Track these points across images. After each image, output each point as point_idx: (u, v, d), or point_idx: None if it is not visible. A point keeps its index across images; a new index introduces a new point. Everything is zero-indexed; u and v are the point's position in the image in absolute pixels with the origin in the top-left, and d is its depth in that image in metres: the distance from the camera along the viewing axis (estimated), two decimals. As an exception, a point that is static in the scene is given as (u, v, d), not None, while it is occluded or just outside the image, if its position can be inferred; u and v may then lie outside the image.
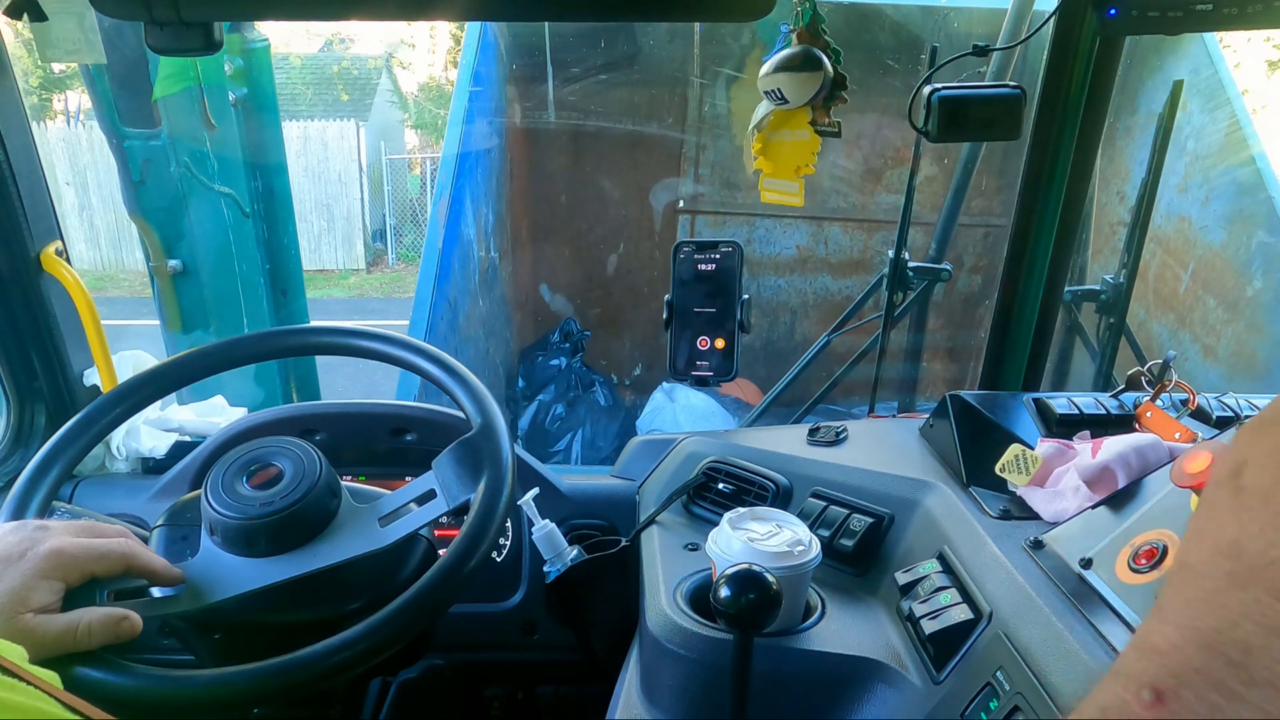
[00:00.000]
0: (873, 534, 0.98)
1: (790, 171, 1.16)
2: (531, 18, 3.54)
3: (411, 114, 14.02)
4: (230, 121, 1.99)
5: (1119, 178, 3.63)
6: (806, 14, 1.07)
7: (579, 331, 4.42)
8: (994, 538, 0.82)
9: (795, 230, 4.47)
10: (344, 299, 9.89)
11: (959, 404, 1.04)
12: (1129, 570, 0.68)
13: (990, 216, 4.15)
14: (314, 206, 10.58)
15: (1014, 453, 0.89)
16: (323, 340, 1.04)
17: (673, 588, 0.95)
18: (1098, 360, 2.05)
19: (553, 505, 1.25)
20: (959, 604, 0.79)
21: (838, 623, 0.89)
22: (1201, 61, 3.33)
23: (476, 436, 0.91)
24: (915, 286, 2.25)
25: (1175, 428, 0.91)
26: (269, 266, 2.17)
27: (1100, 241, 3.56)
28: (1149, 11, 0.94)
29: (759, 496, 1.11)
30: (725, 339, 1.15)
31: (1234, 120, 3.21)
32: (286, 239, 2.21)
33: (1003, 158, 3.86)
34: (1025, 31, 1.70)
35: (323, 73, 13.00)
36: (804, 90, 1.08)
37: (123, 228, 9.43)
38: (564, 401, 4.07)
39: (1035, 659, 0.66)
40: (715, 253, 1.14)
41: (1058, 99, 1.17)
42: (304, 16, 0.95)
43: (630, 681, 0.95)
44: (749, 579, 0.75)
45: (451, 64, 12.84)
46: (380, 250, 11.42)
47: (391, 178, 11.30)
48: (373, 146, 11.20)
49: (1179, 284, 3.42)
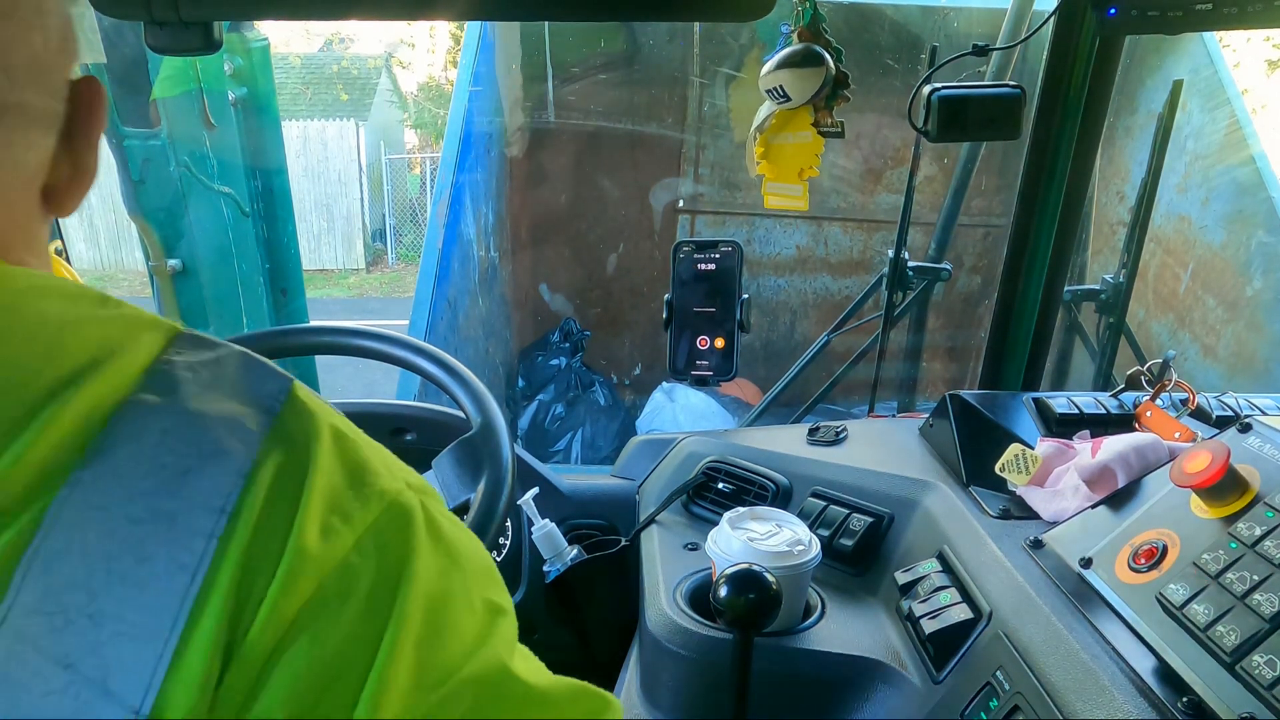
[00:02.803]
0: (872, 534, 0.98)
1: (794, 174, 1.16)
2: (531, 18, 3.54)
3: (411, 114, 14.02)
4: (230, 121, 1.99)
5: (1119, 178, 3.63)
6: (807, 14, 1.07)
7: (579, 331, 4.42)
8: (994, 537, 0.82)
9: (795, 230, 4.47)
10: (344, 299, 9.89)
11: (959, 404, 1.05)
12: (1129, 570, 0.68)
13: (990, 216, 4.15)
14: (314, 206, 10.58)
15: (1014, 452, 0.89)
16: (323, 340, 1.04)
17: (672, 587, 0.95)
18: (1097, 360, 2.05)
19: (553, 505, 1.25)
20: (959, 604, 0.79)
21: (837, 622, 0.89)
22: (1201, 61, 3.32)
23: (476, 437, 0.91)
24: (915, 286, 2.25)
25: (1175, 427, 0.91)
26: (269, 266, 2.17)
27: (1100, 241, 3.56)
28: (1149, 11, 0.94)
29: (759, 496, 1.11)
30: (725, 339, 1.15)
31: (1234, 120, 3.21)
32: (286, 238, 2.21)
33: (1003, 158, 3.86)
34: (1025, 31, 1.70)
35: (322, 73, 13.00)
36: (807, 87, 1.08)
37: (122, 227, 9.43)
38: (564, 401, 4.07)
39: (1035, 658, 0.66)
40: (715, 252, 1.14)
41: (1058, 99, 1.17)
42: (304, 16, 0.95)
43: (630, 681, 0.95)
44: (749, 579, 0.75)
45: (451, 64, 12.83)
46: (380, 250, 11.42)
47: (391, 178, 11.30)
48: (372, 146, 11.20)
49: (1179, 284, 3.42)
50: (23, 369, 0.31)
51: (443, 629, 0.35)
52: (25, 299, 0.34)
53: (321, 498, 0.33)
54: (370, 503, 0.35)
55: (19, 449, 0.29)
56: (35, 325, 0.33)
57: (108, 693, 0.27)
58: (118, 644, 0.28)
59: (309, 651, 0.31)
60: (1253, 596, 0.57)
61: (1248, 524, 0.62)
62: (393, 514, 0.36)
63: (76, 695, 0.27)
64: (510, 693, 0.35)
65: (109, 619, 0.28)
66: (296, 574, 0.31)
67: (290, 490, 0.33)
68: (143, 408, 0.32)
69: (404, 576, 0.34)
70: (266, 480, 0.32)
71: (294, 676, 0.30)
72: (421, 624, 0.34)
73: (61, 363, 0.32)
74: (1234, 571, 0.60)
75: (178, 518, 0.30)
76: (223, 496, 0.31)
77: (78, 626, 0.28)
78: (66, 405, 0.31)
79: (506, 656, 0.36)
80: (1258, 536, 0.60)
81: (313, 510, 0.33)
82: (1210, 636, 0.57)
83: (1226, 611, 0.58)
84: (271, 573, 0.31)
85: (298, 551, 0.31)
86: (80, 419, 0.31)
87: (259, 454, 0.33)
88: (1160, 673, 0.59)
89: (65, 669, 0.27)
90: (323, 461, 0.35)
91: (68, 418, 0.30)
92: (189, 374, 0.34)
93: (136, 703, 0.27)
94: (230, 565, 0.30)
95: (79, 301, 0.35)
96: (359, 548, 0.34)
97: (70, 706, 0.27)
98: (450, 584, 0.36)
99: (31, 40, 0.39)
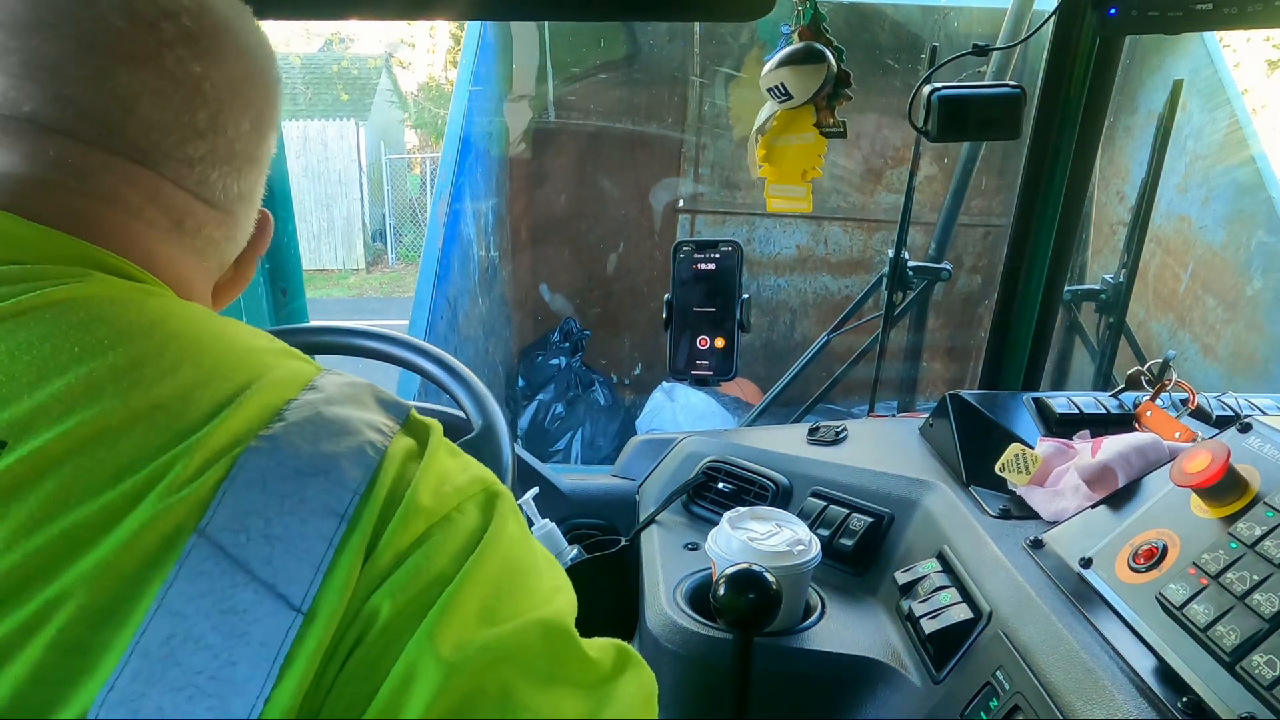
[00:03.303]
0: (872, 533, 0.98)
1: (797, 176, 1.16)
2: (531, 18, 3.54)
3: (411, 114, 14.02)
4: (230, 121, 1.99)
5: (1119, 178, 3.63)
6: (807, 13, 1.07)
7: (579, 331, 4.42)
8: (994, 537, 0.82)
9: (795, 230, 4.47)
10: (344, 299, 9.89)
11: (959, 403, 1.05)
12: (1129, 570, 0.68)
13: (990, 216, 4.15)
14: (314, 206, 10.58)
15: (1014, 452, 0.89)
16: (323, 340, 1.04)
17: (672, 587, 0.95)
18: (1097, 360, 2.05)
19: (552, 505, 1.25)
20: (959, 603, 0.79)
21: (837, 622, 0.89)
22: (1201, 61, 3.33)
23: (477, 439, 0.92)
24: (915, 286, 2.25)
25: (1175, 427, 0.91)
26: (268, 265, 2.17)
27: (1100, 241, 3.56)
28: (1149, 11, 0.94)
29: (759, 496, 1.11)
30: (725, 339, 1.15)
31: (1234, 120, 3.21)
32: (286, 238, 2.21)
33: (1003, 158, 3.86)
34: (1025, 31, 1.70)
35: (322, 72, 12.99)
36: (808, 84, 1.07)
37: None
38: (564, 401, 4.07)
39: (1035, 658, 0.66)
40: (715, 252, 1.14)
41: (1058, 99, 1.17)
42: (304, 16, 0.95)
43: (630, 681, 0.95)
44: (749, 579, 0.75)
45: (451, 64, 12.83)
46: (380, 250, 11.42)
47: (391, 177, 11.30)
48: (372, 146, 11.19)
49: (1179, 284, 3.42)
50: (225, 365, 0.43)
51: (516, 582, 0.42)
52: (218, 320, 0.47)
53: (435, 474, 0.43)
54: (473, 482, 0.45)
55: (221, 419, 0.40)
56: (230, 338, 0.46)
57: (277, 595, 0.36)
58: (285, 559, 0.37)
59: (411, 573, 0.39)
60: (1253, 596, 0.57)
61: (1248, 524, 0.62)
62: (489, 492, 0.45)
63: (255, 592, 0.36)
64: (564, 646, 0.42)
65: (279, 540, 0.37)
66: (411, 518, 0.40)
67: (412, 468, 0.43)
68: (305, 404, 0.43)
69: (493, 534, 0.43)
70: (397, 459, 0.42)
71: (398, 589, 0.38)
72: (500, 569, 0.42)
73: (248, 369, 0.43)
74: (1234, 571, 0.60)
75: (331, 473, 0.40)
76: (363, 469, 0.41)
77: (256, 543, 0.37)
78: (254, 397, 0.41)
79: (568, 617, 0.43)
80: (1258, 536, 0.60)
81: (428, 480, 0.43)
82: (1210, 636, 0.57)
83: (1226, 611, 0.58)
84: (393, 518, 0.40)
85: (412, 503, 0.41)
86: (263, 406, 0.41)
87: (392, 442, 0.43)
88: (1160, 673, 0.59)
89: (244, 571, 0.36)
90: (437, 451, 0.45)
91: (255, 404, 0.41)
92: (336, 390, 0.45)
93: (298, 602, 0.36)
94: (368, 514, 0.39)
95: (259, 335, 0.49)
96: (461, 508, 0.43)
97: (249, 599, 0.35)
98: (525, 554, 0.45)
99: (257, 168, 0.57)
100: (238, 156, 0.54)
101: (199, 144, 0.51)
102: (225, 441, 0.39)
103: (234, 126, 0.53)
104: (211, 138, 0.51)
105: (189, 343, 0.43)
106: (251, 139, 0.55)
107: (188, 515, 0.36)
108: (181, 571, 0.35)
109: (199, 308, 0.48)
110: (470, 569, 0.40)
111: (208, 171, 0.52)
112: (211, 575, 0.35)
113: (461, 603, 0.39)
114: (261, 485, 0.38)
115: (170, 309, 0.45)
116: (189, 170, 0.51)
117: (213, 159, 0.52)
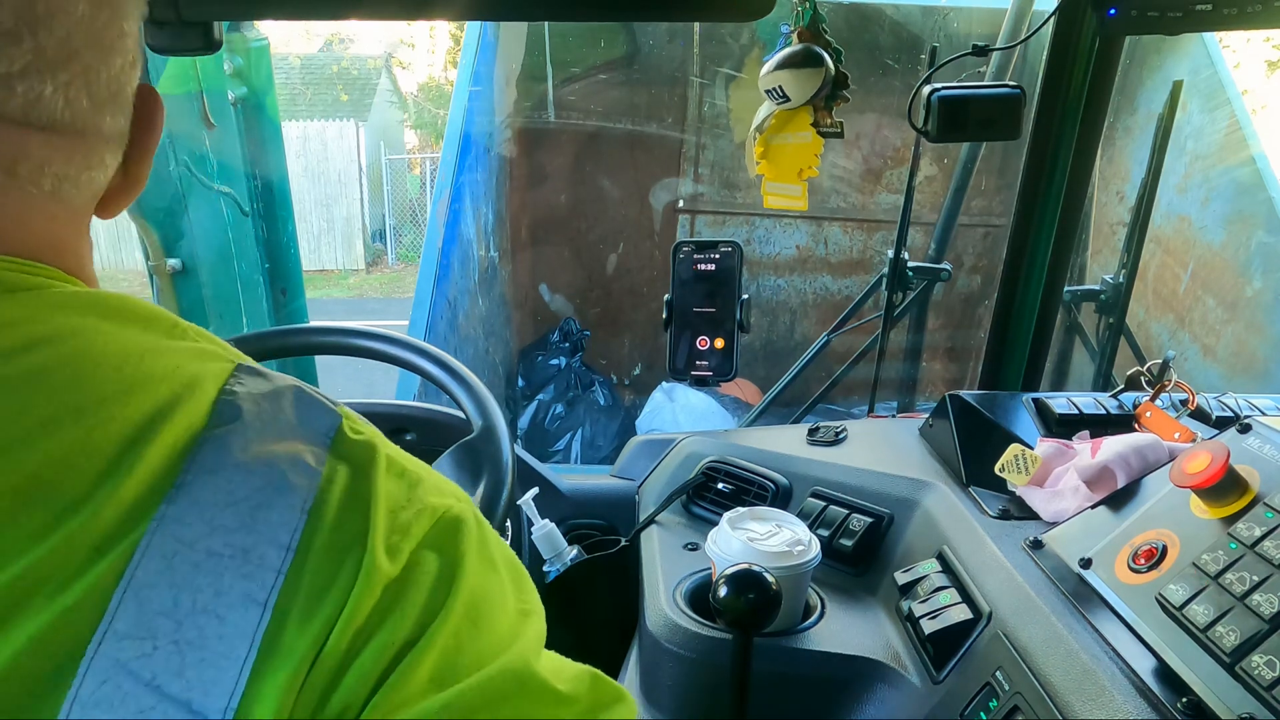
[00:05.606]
0: (872, 534, 0.98)
1: (793, 174, 1.16)
2: (531, 18, 3.54)
3: (411, 114, 14.01)
4: (230, 121, 1.98)
5: (1119, 178, 3.63)
6: (807, 14, 1.07)
7: (579, 331, 4.42)
8: (993, 538, 0.82)
9: (795, 230, 4.47)
10: (344, 299, 9.88)
11: (958, 404, 1.05)
12: (1128, 570, 0.68)
13: (990, 216, 4.15)
14: (314, 206, 10.57)
15: (1013, 453, 0.89)
16: (323, 340, 1.04)
17: (672, 587, 0.95)
18: (1097, 360, 2.05)
19: (552, 505, 1.25)
20: (958, 604, 0.79)
21: (837, 623, 0.89)
22: (1201, 61, 3.32)
23: (477, 440, 0.92)
24: (915, 286, 2.25)
25: (1175, 428, 0.91)
26: (268, 266, 2.17)
27: (1100, 241, 3.56)
28: (1149, 11, 0.94)
29: (759, 496, 1.11)
30: (725, 339, 1.15)
31: (1234, 120, 3.21)
32: (286, 238, 2.21)
33: (1003, 158, 3.86)
34: (1025, 31, 1.70)
35: (322, 73, 12.99)
36: (806, 87, 1.08)
37: (122, 227, 9.43)
38: (564, 401, 4.07)
39: (1035, 659, 0.66)
40: (715, 253, 1.14)
41: (1058, 99, 1.17)
42: (304, 16, 0.95)
43: (630, 681, 0.95)
44: (749, 579, 0.75)
45: (451, 64, 12.83)
46: (380, 250, 11.41)
47: (391, 178, 11.29)
48: (372, 146, 11.19)
49: (1179, 284, 3.42)
50: (111, 400, 0.34)
51: (479, 625, 0.38)
52: (108, 323, 0.37)
53: (384, 520, 0.37)
54: (424, 516, 0.39)
55: (113, 485, 0.32)
56: (120, 356, 0.36)
57: (192, 713, 0.30)
58: (200, 669, 0.31)
59: (379, 649, 0.34)
60: (1252, 597, 0.57)
61: (1247, 524, 0.62)
62: (444, 524, 0.39)
63: (164, 714, 0.30)
64: (531, 692, 0.37)
65: (192, 646, 0.31)
66: (367, 589, 0.34)
67: (354, 519, 0.36)
68: (217, 442, 0.35)
69: (456, 575, 0.38)
70: (331, 512, 0.36)
71: (363, 672, 0.33)
72: (462, 618, 0.37)
73: (145, 398, 0.35)
74: (1234, 572, 0.60)
75: (250, 552, 0.33)
76: (289, 532, 0.34)
77: (165, 652, 0.31)
78: (154, 442, 0.34)
79: (533, 657, 0.39)
80: (1257, 537, 0.60)
81: (379, 533, 0.36)
82: (1210, 637, 0.57)
83: (1226, 612, 0.58)
84: (344, 591, 0.34)
85: (369, 570, 0.35)
86: (166, 455, 0.34)
87: (319, 488, 0.36)
88: (1160, 673, 0.59)
89: (153, 691, 0.30)
90: (380, 486, 0.38)
91: (156, 454, 0.33)
92: (253, 406, 0.37)
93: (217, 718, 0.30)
94: (300, 594, 0.33)
95: (152, 326, 0.38)
96: (417, 558, 0.37)
97: None
98: (489, 586, 0.40)
99: (112, 64, 0.41)
100: (79, 54, 0.38)
101: (12, 51, 0.36)
102: (118, 518, 0.32)
103: (63, 13, 0.37)
104: (30, 38, 0.36)
105: (63, 380, 0.33)
106: (96, 22, 0.39)
107: (82, 624, 0.30)
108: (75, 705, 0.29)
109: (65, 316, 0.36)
110: (434, 631, 0.35)
111: (36, 86, 0.37)
112: (111, 703, 0.29)
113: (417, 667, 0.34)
114: (169, 577, 0.31)
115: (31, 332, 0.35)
116: (6, 92, 0.36)
117: (40, 66, 0.37)
